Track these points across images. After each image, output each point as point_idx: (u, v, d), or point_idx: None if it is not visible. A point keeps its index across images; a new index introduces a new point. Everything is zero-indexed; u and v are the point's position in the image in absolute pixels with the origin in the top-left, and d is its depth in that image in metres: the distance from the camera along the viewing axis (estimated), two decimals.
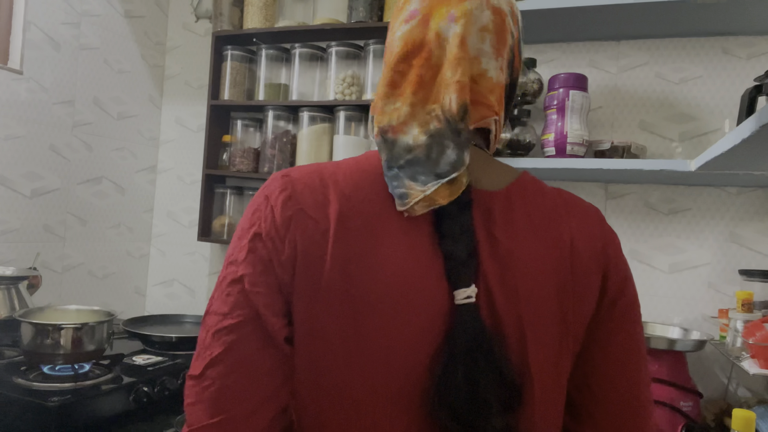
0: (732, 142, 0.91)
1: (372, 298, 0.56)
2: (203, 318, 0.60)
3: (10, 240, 1.72)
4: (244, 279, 0.57)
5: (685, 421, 1.29)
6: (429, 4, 0.63)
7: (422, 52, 0.61)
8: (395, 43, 0.63)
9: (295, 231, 0.57)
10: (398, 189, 0.58)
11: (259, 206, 0.60)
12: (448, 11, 0.61)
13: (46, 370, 1.29)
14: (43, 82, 1.79)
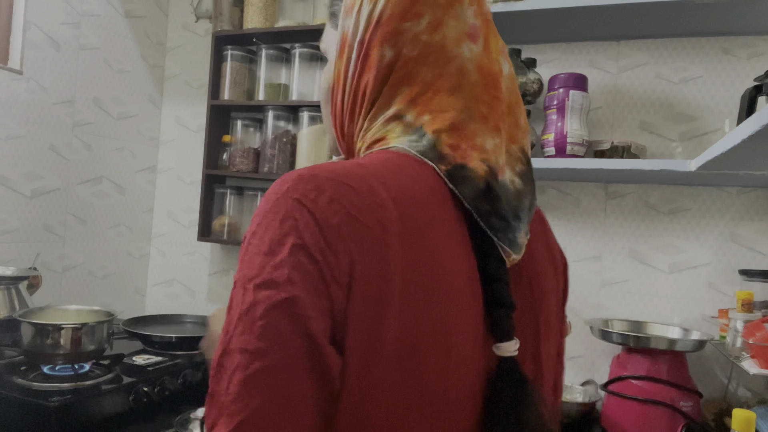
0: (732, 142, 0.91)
1: (431, 332, 0.48)
2: (218, 361, 0.46)
3: (10, 240, 1.71)
4: (293, 303, 0.44)
5: (685, 421, 1.29)
6: (483, 24, 0.62)
7: (496, 87, 0.59)
8: (468, 65, 0.58)
9: (349, 241, 0.46)
10: (513, 238, 0.55)
11: (289, 212, 0.47)
12: (498, 43, 0.62)
13: (46, 370, 1.29)
14: (43, 82, 1.79)
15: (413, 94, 0.58)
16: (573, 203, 1.68)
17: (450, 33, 0.59)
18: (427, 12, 0.58)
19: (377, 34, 0.58)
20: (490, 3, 1.51)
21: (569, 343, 1.66)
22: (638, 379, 1.34)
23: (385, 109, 0.59)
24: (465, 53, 0.58)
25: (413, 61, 0.58)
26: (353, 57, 0.60)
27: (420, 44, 0.58)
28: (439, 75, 0.57)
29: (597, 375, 1.61)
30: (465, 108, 0.57)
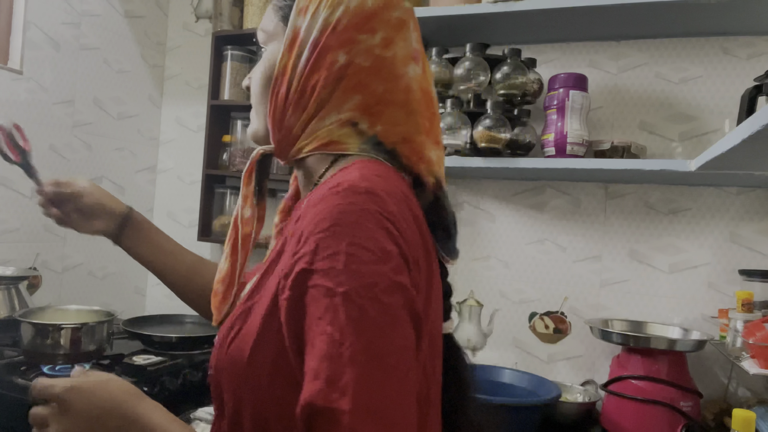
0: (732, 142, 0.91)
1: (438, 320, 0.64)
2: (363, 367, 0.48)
3: (10, 240, 1.72)
4: (413, 301, 0.53)
5: (685, 421, 1.29)
6: (421, 50, 0.68)
7: (435, 104, 0.68)
8: (413, 85, 0.65)
9: (413, 246, 0.56)
10: (453, 247, 0.70)
11: (380, 223, 0.53)
12: (430, 68, 0.71)
13: (46, 370, 1.29)
14: (43, 82, 1.79)
15: (365, 104, 0.64)
16: (573, 203, 1.68)
17: (399, 52, 0.65)
18: (381, 29, 0.64)
19: (332, 39, 0.63)
20: (490, 3, 1.51)
21: (569, 343, 1.67)
22: (638, 379, 1.34)
23: (336, 112, 0.64)
24: (410, 73, 0.65)
25: (365, 71, 0.63)
26: (305, 55, 0.64)
27: (373, 57, 0.64)
28: (389, 90, 0.64)
29: (597, 375, 1.61)
30: (413, 122, 0.65)
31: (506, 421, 1.30)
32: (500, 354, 1.73)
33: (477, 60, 1.52)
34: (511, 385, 1.51)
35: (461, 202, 1.80)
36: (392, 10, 0.65)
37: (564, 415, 1.42)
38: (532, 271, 1.71)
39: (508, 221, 1.75)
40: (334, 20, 0.63)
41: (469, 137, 1.52)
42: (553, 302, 1.68)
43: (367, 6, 0.64)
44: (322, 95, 0.64)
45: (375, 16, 0.64)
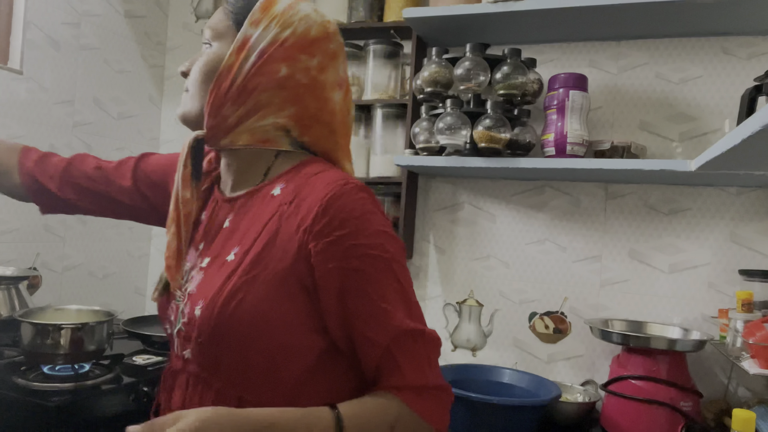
0: (732, 142, 0.91)
1: None
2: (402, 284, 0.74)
3: (10, 240, 1.72)
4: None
5: (685, 421, 1.29)
6: (346, 78, 0.83)
7: (348, 125, 0.84)
8: (336, 108, 0.81)
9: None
10: None
11: (377, 205, 0.75)
12: (350, 94, 0.86)
13: (46, 370, 1.29)
14: (43, 82, 1.79)
15: (299, 116, 0.78)
16: (573, 203, 1.68)
17: (330, 78, 0.80)
18: (318, 55, 0.78)
19: (279, 52, 0.76)
20: (490, 3, 1.51)
21: (569, 343, 1.67)
22: (638, 379, 1.34)
23: (273, 116, 0.77)
24: (335, 98, 0.80)
25: (303, 87, 0.77)
26: (251, 60, 0.76)
27: (310, 77, 0.77)
28: (319, 109, 0.78)
29: (597, 375, 1.61)
30: (333, 141, 0.81)
31: (506, 421, 1.30)
32: (500, 354, 1.73)
33: (477, 60, 1.52)
34: (511, 385, 1.51)
35: (461, 202, 1.80)
36: (329, 42, 0.79)
37: (564, 415, 1.42)
38: (532, 271, 1.71)
39: (508, 221, 1.75)
40: (282, 38, 0.76)
41: (469, 137, 1.52)
42: (553, 302, 1.68)
43: (311, 33, 0.78)
44: (261, 97, 0.76)
45: (316, 43, 0.78)
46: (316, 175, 0.76)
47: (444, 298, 1.81)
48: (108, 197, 0.98)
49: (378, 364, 0.71)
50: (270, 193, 0.78)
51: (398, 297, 0.72)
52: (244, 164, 0.82)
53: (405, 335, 0.71)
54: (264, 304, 0.71)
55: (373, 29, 1.82)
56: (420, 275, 1.84)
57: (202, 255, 0.82)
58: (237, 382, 0.73)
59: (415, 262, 1.85)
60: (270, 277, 0.71)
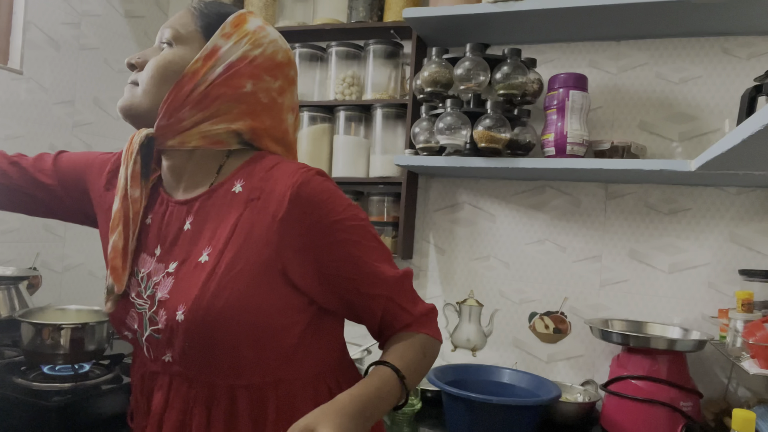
0: (732, 142, 0.91)
1: None
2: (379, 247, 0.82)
3: (10, 240, 1.72)
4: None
5: (685, 421, 1.29)
6: (297, 104, 0.89)
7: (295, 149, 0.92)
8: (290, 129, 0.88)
9: None
10: None
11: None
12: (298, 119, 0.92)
13: (46, 370, 1.29)
14: (43, 82, 1.79)
15: (253, 128, 0.82)
16: (573, 203, 1.68)
17: (287, 102, 0.85)
18: (280, 79, 0.84)
19: (246, 68, 0.80)
20: (490, 3, 1.51)
21: (569, 343, 1.67)
22: (638, 379, 1.34)
23: (227, 123, 0.80)
24: (288, 120, 0.86)
25: (261, 105, 0.82)
26: (218, 70, 0.79)
27: (270, 97, 0.82)
28: (274, 127, 0.84)
29: (597, 375, 1.61)
30: (281, 151, 0.86)
31: (506, 421, 1.30)
32: (500, 354, 1.73)
33: (477, 60, 1.52)
34: (511, 385, 1.51)
35: (461, 202, 1.80)
36: (291, 69, 0.86)
37: (564, 415, 1.42)
38: (532, 271, 1.71)
39: (508, 221, 1.75)
40: (251, 56, 0.81)
41: (469, 137, 1.52)
42: (553, 302, 1.68)
43: (278, 58, 0.84)
44: (220, 106, 0.80)
45: (280, 67, 0.84)
46: (273, 167, 0.79)
47: (444, 298, 1.81)
48: (23, 192, 0.98)
49: (383, 313, 0.82)
50: (231, 191, 0.80)
51: (381, 254, 0.81)
52: (194, 165, 0.83)
53: (398, 282, 0.81)
54: (250, 297, 0.75)
55: (373, 29, 1.82)
56: (420, 275, 1.84)
57: (164, 260, 0.81)
58: (228, 373, 0.77)
59: (415, 262, 1.85)
60: (252, 271, 0.75)
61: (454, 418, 1.35)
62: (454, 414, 1.35)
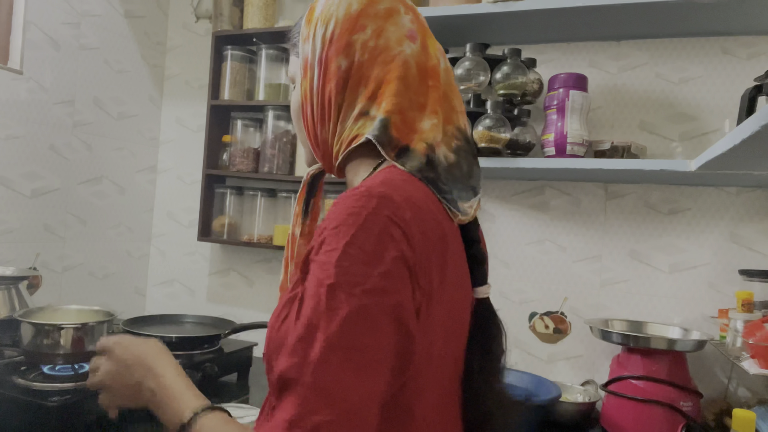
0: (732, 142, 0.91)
1: (456, 305, 0.67)
2: (320, 356, 0.53)
3: (10, 240, 1.72)
4: (399, 306, 0.55)
5: (685, 421, 1.29)
6: (420, 28, 0.74)
7: (433, 78, 0.71)
8: (410, 60, 0.70)
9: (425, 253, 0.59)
10: (458, 204, 0.68)
11: (386, 228, 0.56)
12: (436, 46, 0.74)
13: (46, 370, 1.29)
14: (43, 82, 1.79)
15: (370, 92, 0.70)
16: (573, 203, 1.68)
17: (392, 36, 0.71)
18: (370, 23, 0.71)
19: (332, 49, 0.71)
20: (490, 3, 1.51)
21: (569, 343, 1.67)
22: (638, 379, 1.34)
23: (350, 110, 0.71)
24: (406, 50, 0.71)
25: (366, 64, 0.70)
26: (315, 74, 0.73)
27: (368, 50, 0.70)
28: (387, 70, 0.70)
29: (597, 375, 1.61)
30: (407, 96, 0.69)
31: None
32: None
33: (477, 60, 1.52)
34: (511, 385, 1.51)
35: None
36: (377, 4, 0.72)
37: (564, 415, 1.42)
38: (532, 271, 1.71)
39: (508, 221, 1.75)
40: (329, 34, 0.71)
41: None
42: (553, 302, 1.68)
43: (353, 9, 0.72)
44: (338, 101, 0.71)
45: (362, 15, 0.71)
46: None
47: None
48: None
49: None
50: None
51: (302, 333, 0.54)
52: (348, 184, 0.73)
53: (285, 385, 0.53)
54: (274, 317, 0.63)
55: None
56: None
57: None
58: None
59: None
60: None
61: None
62: None
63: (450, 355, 0.66)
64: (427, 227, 0.60)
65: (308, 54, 0.74)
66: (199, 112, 2.20)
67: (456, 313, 0.67)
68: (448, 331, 0.64)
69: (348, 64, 0.70)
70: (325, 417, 0.50)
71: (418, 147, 0.67)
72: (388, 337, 0.54)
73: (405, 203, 0.59)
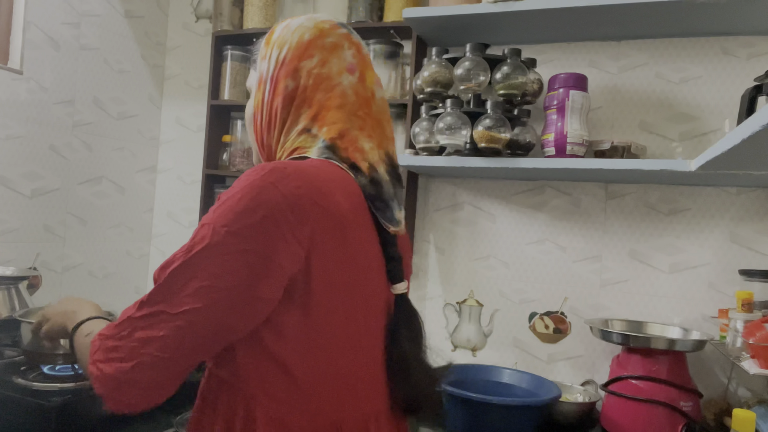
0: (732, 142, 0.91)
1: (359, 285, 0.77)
2: (170, 276, 0.68)
3: (10, 240, 1.72)
4: (247, 253, 0.67)
5: (685, 421, 1.29)
6: (360, 62, 0.84)
7: (367, 107, 0.83)
8: (348, 90, 0.82)
9: (312, 216, 0.70)
10: (393, 215, 0.80)
11: (265, 190, 0.68)
12: (374, 78, 0.86)
13: (46, 370, 1.29)
14: (43, 82, 1.79)
15: (313, 113, 0.81)
16: (573, 203, 1.68)
17: (334, 67, 0.82)
18: (317, 53, 0.82)
19: (283, 71, 0.82)
20: (490, 3, 1.51)
21: (569, 343, 1.67)
22: (638, 379, 1.34)
23: (294, 125, 0.82)
24: (344, 81, 0.82)
25: (310, 88, 0.81)
26: (267, 89, 0.84)
27: (312, 76, 0.81)
28: (328, 97, 0.81)
29: (597, 375, 1.61)
30: (347, 120, 0.81)
31: (506, 421, 1.30)
32: (500, 354, 1.73)
33: (477, 60, 1.52)
34: (511, 385, 1.51)
35: (461, 202, 1.80)
36: (326, 38, 0.83)
37: (564, 415, 1.42)
38: (532, 271, 1.71)
39: (508, 221, 1.75)
40: (281, 57, 0.82)
41: (469, 137, 1.52)
42: (553, 302, 1.68)
43: (305, 39, 0.83)
44: (282, 115, 0.83)
45: (311, 45, 0.82)
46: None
47: (444, 298, 1.81)
48: None
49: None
50: None
51: (176, 252, 0.69)
52: None
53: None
54: None
55: (373, 29, 1.82)
56: (420, 275, 1.84)
57: None
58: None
59: (415, 262, 1.85)
60: None
61: (454, 417, 1.35)
62: (454, 414, 1.35)
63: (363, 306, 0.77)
64: (318, 198, 0.71)
65: (263, 71, 0.84)
66: (199, 112, 2.20)
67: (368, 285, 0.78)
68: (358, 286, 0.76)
69: (294, 85, 0.81)
70: (162, 308, 0.67)
71: (362, 166, 0.79)
72: (234, 273, 0.66)
73: (295, 174, 0.70)
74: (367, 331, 0.78)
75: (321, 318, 0.71)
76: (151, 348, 0.66)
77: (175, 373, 0.69)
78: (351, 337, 0.75)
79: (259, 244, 0.66)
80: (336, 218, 0.72)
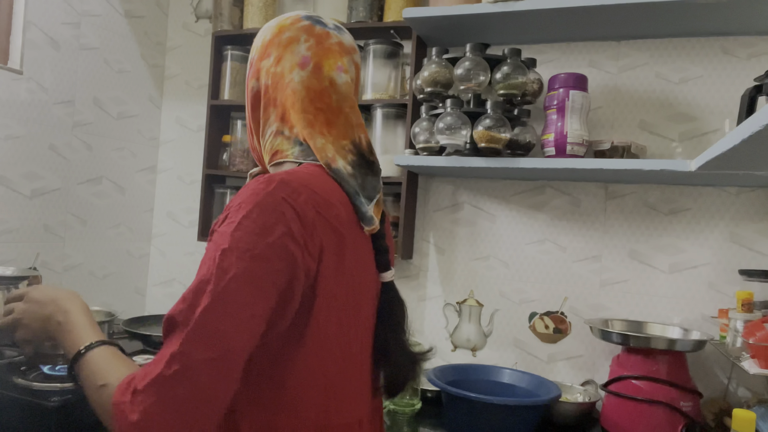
0: (732, 142, 0.91)
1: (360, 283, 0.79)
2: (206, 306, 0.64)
3: (10, 240, 1.72)
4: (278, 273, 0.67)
5: (685, 421, 1.29)
6: (315, 54, 0.82)
7: (322, 100, 0.81)
8: (297, 87, 0.80)
9: (319, 229, 0.71)
10: (365, 213, 0.79)
11: (278, 206, 0.67)
12: (335, 64, 0.82)
13: (46, 370, 1.29)
14: (43, 82, 1.79)
15: (280, 113, 0.81)
16: (573, 203, 1.68)
17: (286, 64, 0.81)
18: (273, 51, 0.82)
19: (250, 73, 0.85)
20: (490, 3, 1.51)
21: (569, 343, 1.67)
22: (638, 379, 1.34)
23: (268, 126, 0.83)
24: (295, 78, 0.81)
25: (271, 88, 0.82)
26: (245, 92, 0.86)
27: (270, 75, 0.82)
28: (284, 97, 0.81)
29: (597, 375, 1.61)
30: (302, 119, 0.80)
31: (506, 421, 1.30)
32: (500, 354, 1.73)
33: (477, 60, 1.52)
34: (511, 385, 1.51)
35: (461, 203, 1.80)
36: (283, 33, 0.82)
37: (564, 415, 1.42)
38: (532, 271, 1.71)
39: (508, 221, 1.75)
40: (250, 59, 0.85)
41: (469, 137, 1.52)
42: (553, 302, 1.68)
43: (266, 38, 0.83)
44: (255, 117, 0.85)
45: (270, 44, 0.82)
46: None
47: (444, 298, 1.81)
48: None
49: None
50: None
51: (196, 285, 0.65)
52: None
53: (172, 326, 0.64)
54: None
55: (373, 29, 1.82)
56: (420, 275, 1.84)
57: None
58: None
59: (415, 262, 1.85)
60: None
61: (454, 418, 1.35)
62: (454, 414, 1.35)
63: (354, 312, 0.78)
64: (323, 210, 0.71)
65: (250, 81, 0.86)
66: (199, 112, 2.20)
67: (360, 285, 0.79)
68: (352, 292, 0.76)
69: (258, 86, 0.83)
70: (202, 355, 0.61)
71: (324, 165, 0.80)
72: (266, 297, 0.65)
73: (301, 188, 0.70)
74: (358, 338, 0.79)
75: (317, 328, 0.71)
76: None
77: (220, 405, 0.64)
78: (342, 345, 0.75)
79: (282, 262, 0.66)
80: (335, 227, 0.73)
